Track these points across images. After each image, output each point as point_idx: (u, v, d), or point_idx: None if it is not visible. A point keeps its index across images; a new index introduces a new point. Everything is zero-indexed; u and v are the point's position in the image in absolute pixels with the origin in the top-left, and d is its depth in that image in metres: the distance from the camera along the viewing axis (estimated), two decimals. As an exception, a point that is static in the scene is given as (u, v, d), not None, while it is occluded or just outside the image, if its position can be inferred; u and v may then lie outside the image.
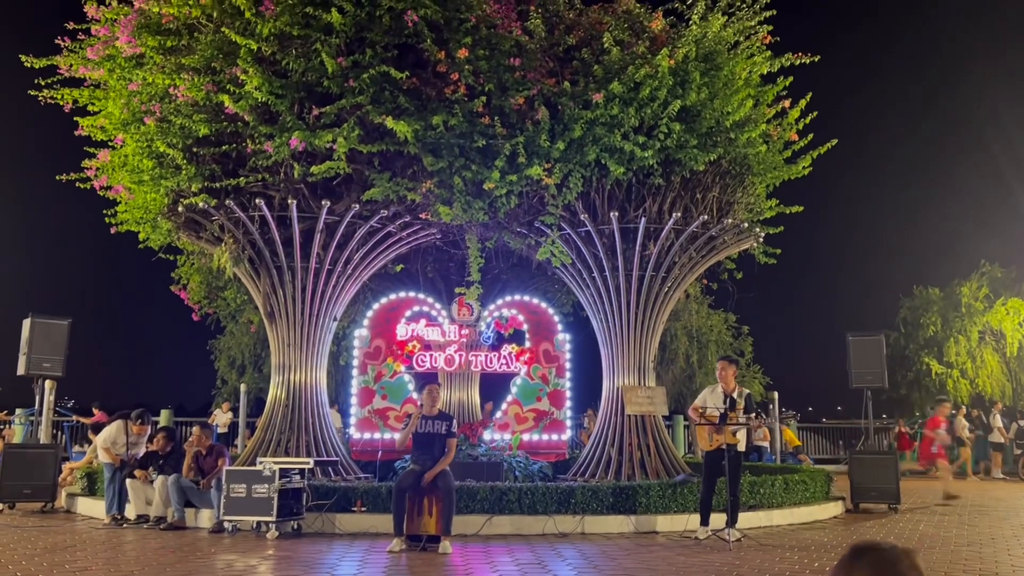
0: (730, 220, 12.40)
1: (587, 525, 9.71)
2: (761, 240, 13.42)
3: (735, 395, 9.34)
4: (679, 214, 11.82)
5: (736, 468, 9.19)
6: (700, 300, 21.70)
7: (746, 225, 12.72)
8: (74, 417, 19.50)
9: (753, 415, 9.29)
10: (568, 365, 13.73)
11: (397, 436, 9.73)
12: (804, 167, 13.14)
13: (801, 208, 13.87)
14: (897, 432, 22.24)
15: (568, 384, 13.67)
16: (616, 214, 11.71)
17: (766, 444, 18.83)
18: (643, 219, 11.76)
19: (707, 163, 11.69)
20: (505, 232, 12.30)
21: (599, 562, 7.83)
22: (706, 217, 12.00)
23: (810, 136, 12.92)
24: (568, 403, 13.70)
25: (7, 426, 19.15)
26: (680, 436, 20.82)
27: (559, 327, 14.00)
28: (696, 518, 9.52)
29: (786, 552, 8.43)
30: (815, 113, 12.83)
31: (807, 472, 12.39)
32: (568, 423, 13.73)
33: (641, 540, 9.26)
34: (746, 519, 9.97)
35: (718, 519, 9.33)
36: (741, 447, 9.31)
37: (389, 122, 10.32)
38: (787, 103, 12.59)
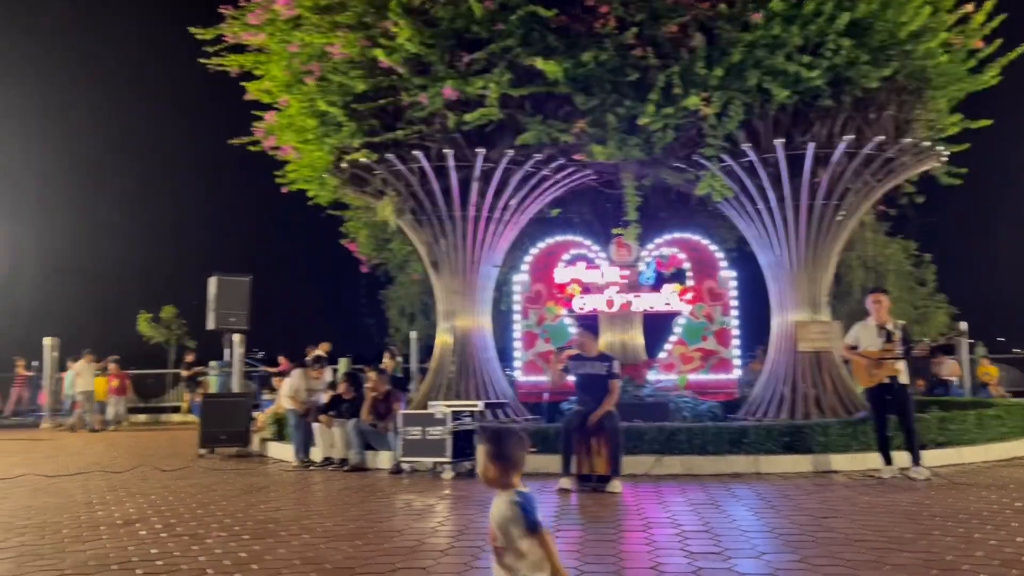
0: (909, 140, 11.49)
1: (761, 465, 9.43)
2: (944, 159, 12.38)
3: (890, 327, 8.80)
4: (852, 137, 11.06)
5: (904, 401, 8.76)
6: (876, 227, 20.41)
7: (927, 144, 11.76)
8: (262, 367, 20.88)
9: (914, 345, 8.82)
10: (734, 303, 13.31)
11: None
12: (992, 76, 11.94)
13: (990, 122, 12.75)
14: None
15: (735, 322, 13.26)
16: (782, 141, 11.09)
17: (954, 379, 17.65)
18: (811, 144, 11.08)
19: (881, 80, 10.82)
20: (662, 168, 11.96)
21: (776, 502, 7.59)
22: (882, 138, 11.17)
23: (998, 42, 11.69)
24: (736, 341, 13.31)
25: (203, 377, 20.75)
26: (853, 372, 19.78)
27: (723, 264, 13.55)
28: (878, 457, 9.07)
29: (982, 491, 7.86)
30: (1004, 16, 11.59)
31: (1003, 406, 11.48)
32: (736, 362, 13.36)
33: (820, 480, 8.91)
34: (935, 457, 9.39)
35: (904, 458, 8.84)
36: (904, 379, 8.81)
37: (539, 63, 10.17)
38: (970, 7, 11.41)
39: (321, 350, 18.49)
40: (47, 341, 21.50)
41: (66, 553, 5.78)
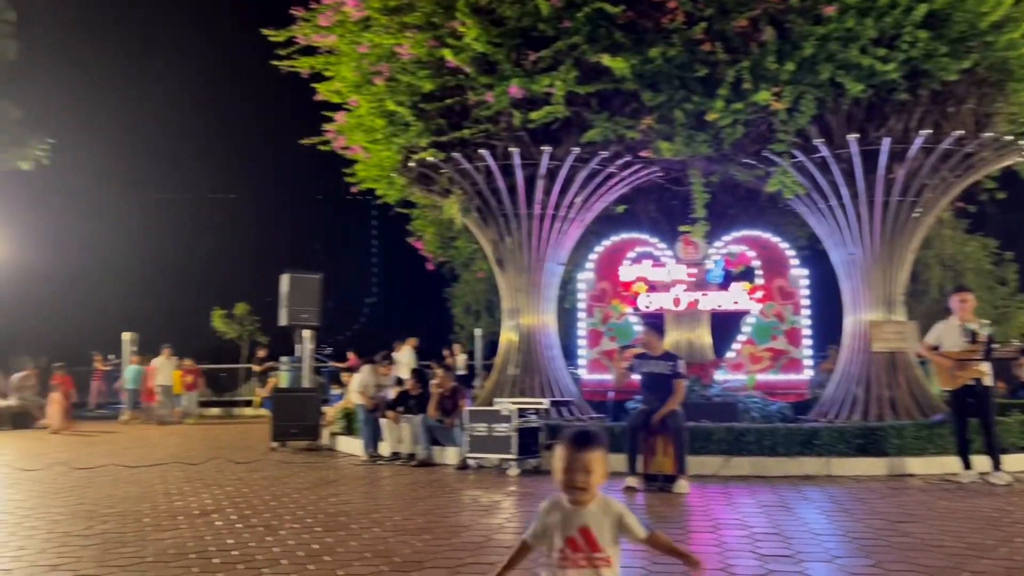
0: (989, 134, 11.10)
1: (833, 467, 9.23)
2: (1028, 154, 11.92)
3: (975, 327, 8.52)
4: (929, 131, 10.73)
5: (986, 404, 8.49)
6: (954, 224, 19.82)
7: (1009, 139, 11.35)
8: (330, 363, 21.25)
9: (998, 345, 8.52)
10: (805, 301, 13.05)
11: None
12: (1080, 67, 11.45)
13: (1076, 114, 12.18)
14: None
15: (806, 321, 13.00)
16: (856, 136, 10.83)
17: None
18: (887, 139, 10.79)
19: (960, 72, 10.46)
20: (731, 164, 11.79)
21: (849, 505, 7.43)
22: (961, 132, 10.82)
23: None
24: (807, 341, 13.05)
25: (274, 372, 21.24)
26: (934, 374, 19.28)
27: (794, 261, 13.30)
28: (956, 460, 8.80)
29: (1068, 499, 7.56)
30: (1093, 2, 11.08)
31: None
32: (807, 362, 13.10)
33: (894, 483, 8.68)
34: (1017, 461, 9.07)
35: (984, 462, 8.56)
36: (988, 381, 8.54)
37: (606, 59, 10.12)
38: (1057, -5, 10.96)
39: (409, 345, 18.79)
40: (126, 336, 22.26)
41: (147, 541, 5.99)
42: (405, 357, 18.32)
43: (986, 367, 8.52)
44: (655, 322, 9.96)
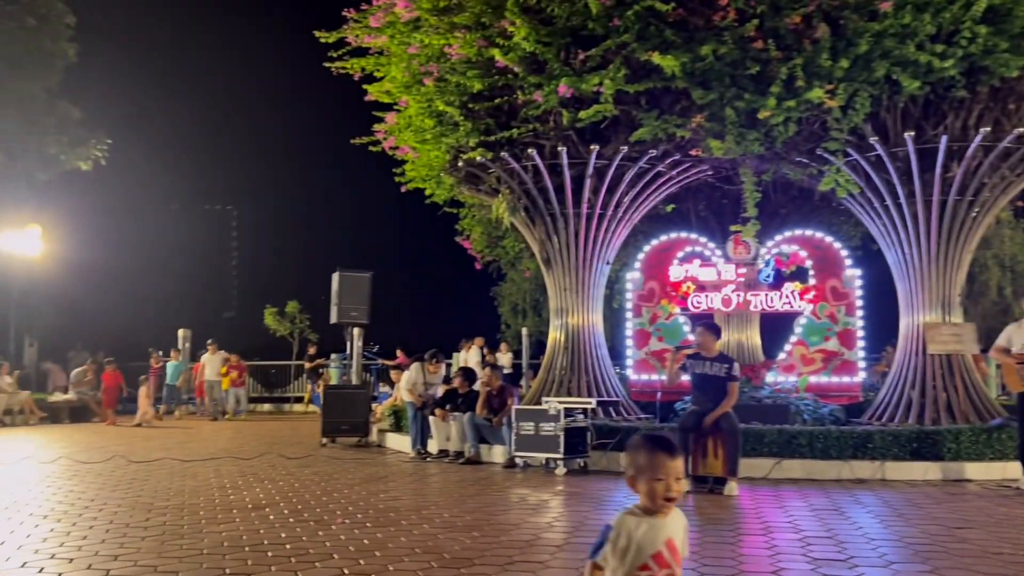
0: (1052, 131, 10.78)
1: (887, 471, 9.07)
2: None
3: None
4: (988, 129, 10.46)
5: None
6: (1013, 224, 19.31)
7: (1073, 136, 11.00)
8: (379, 360, 21.44)
9: None
10: (859, 302, 12.82)
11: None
12: None
13: None
14: None
15: (859, 323, 12.78)
16: (912, 134, 10.61)
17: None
18: (944, 137, 10.55)
19: (1021, 68, 10.19)
20: (783, 163, 11.63)
21: (904, 510, 7.29)
22: (1021, 130, 10.52)
23: None
24: (860, 343, 12.82)
25: (325, 370, 21.53)
26: (993, 376, 18.82)
27: (847, 262, 13.07)
28: (1016, 466, 8.58)
29: None
30: None
31: None
32: (860, 364, 12.87)
33: (950, 488, 8.50)
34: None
35: (1045, 469, 8.34)
36: None
37: (656, 58, 10.05)
38: (1125, -13, 10.60)
39: (476, 344, 18.88)
40: (181, 333, 22.72)
41: (203, 534, 6.12)
42: (473, 357, 18.43)
43: None
44: (711, 323, 9.88)
